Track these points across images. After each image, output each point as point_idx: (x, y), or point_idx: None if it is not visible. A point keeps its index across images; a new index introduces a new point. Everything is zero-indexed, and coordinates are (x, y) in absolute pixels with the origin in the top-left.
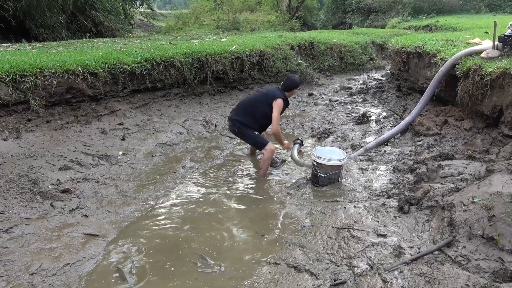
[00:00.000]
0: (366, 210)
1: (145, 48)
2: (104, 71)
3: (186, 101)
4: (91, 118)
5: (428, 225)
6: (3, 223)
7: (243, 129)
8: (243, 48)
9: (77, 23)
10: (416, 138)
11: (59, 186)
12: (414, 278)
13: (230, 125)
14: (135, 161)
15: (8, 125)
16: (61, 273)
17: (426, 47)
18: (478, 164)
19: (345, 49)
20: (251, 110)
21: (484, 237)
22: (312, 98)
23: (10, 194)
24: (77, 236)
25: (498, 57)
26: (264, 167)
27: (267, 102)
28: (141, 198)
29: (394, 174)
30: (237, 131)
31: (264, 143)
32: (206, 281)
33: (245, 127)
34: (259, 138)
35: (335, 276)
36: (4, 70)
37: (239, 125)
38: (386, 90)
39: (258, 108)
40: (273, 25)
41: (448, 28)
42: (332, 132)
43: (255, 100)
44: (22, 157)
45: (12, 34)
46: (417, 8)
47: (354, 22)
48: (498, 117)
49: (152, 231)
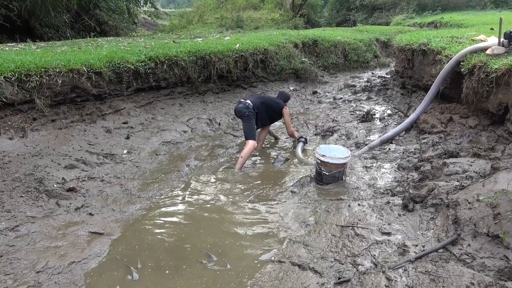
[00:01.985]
0: (370, 208)
1: (149, 47)
2: (109, 70)
3: (190, 99)
4: (95, 117)
5: (433, 223)
6: (10, 221)
7: (251, 116)
8: (246, 46)
9: (82, 22)
10: (420, 136)
11: (65, 184)
12: (419, 276)
13: (243, 106)
14: (139, 159)
15: (13, 124)
16: (66, 271)
17: (431, 44)
18: (483, 161)
19: (349, 47)
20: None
21: (489, 235)
22: (316, 96)
23: (16, 193)
24: (82, 235)
25: (503, 54)
26: (245, 157)
27: (277, 108)
28: (146, 196)
29: (398, 172)
30: (246, 114)
31: (254, 137)
32: (211, 278)
33: (253, 115)
34: (254, 131)
35: (339, 274)
36: (9, 70)
37: (251, 111)
38: (390, 88)
39: (272, 109)
40: (277, 23)
41: (453, 25)
42: (336, 130)
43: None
44: (28, 156)
45: (17, 34)
46: (421, 4)
47: (358, 19)
48: (504, 115)
49: (156, 229)
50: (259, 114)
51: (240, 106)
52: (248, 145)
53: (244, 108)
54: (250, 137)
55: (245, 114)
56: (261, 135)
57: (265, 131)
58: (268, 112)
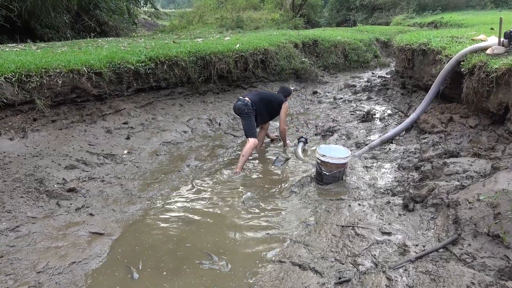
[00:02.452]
0: (370, 208)
1: (149, 47)
2: (109, 70)
3: (190, 100)
4: (96, 118)
5: (433, 223)
6: (10, 222)
7: (250, 112)
8: (247, 47)
9: (82, 23)
10: (421, 135)
11: (65, 185)
12: (419, 276)
13: (242, 103)
14: (139, 160)
15: (14, 125)
16: (67, 271)
17: (431, 44)
18: (484, 161)
19: (349, 47)
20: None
21: (490, 235)
22: (316, 96)
23: (16, 193)
24: (83, 235)
25: (504, 54)
26: (246, 155)
27: (277, 102)
28: (146, 196)
29: (398, 172)
30: (245, 111)
31: (254, 134)
32: (212, 278)
33: (252, 112)
34: (254, 128)
35: (339, 274)
36: (10, 70)
37: (250, 108)
38: (390, 88)
39: (271, 105)
40: (277, 23)
41: (453, 25)
42: (337, 130)
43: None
44: (28, 157)
45: (18, 34)
46: (422, 4)
47: (358, 19)
48: (504, 114)
49: (157, 229)
50: (258, 111)
51: (238, 104)
52: (249, 143)
53: (243, 106)
54: (250, 134)
55: (244, 111)
56: (260, 135)
57: (264, 130)
58: (268, 108)
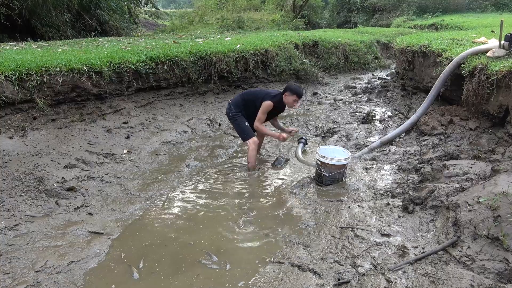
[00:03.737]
0: (370, 209)
1: (149, 47)
2: (109, 70)
3: (190, 100)
4: (96, 117)
5: (433, 225)
6: (9, 220)
7: (236, 115)
8: (247, 47)
9: (82, 22)
10: (421, 137)
11: (64, 184)
12: (418, 278)
13: (227, 107)
14: (139, 159)
15: (14, 124)
16: (66, 270)
17: (432, 46)
18: (484, 164)
19: (349, 48)
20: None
21: (489, 237)
22: (316, 97)
23: (15, 192)
24: (82, 234)
25: (504, 56)
26: (251, 160)
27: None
28: (146, 196)
29: (398, 174)
30: (230, 115)
31: (248, 136)
32: (211, 278)
33: (238, 114)
34: (246, 130)
35: (338, 275)
36: (10, 69)
37: (233, 109)
38: (391, 90)
39: (253, 103)
40: (278, 24)
41: (453, 27)
42: (337, 131)
43: (256, 94)
44: (28, 155)
45: (18, 33)
46: (422, 7)
47: (358, 21)
48: (504, 117)
49: (156, 228)
50: (245, 111)
51: (226, 109)
52: (249, 146)
53: (227, 110)
54: (245, 137)
55: (229, 115)
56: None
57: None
58: (252, 107)
